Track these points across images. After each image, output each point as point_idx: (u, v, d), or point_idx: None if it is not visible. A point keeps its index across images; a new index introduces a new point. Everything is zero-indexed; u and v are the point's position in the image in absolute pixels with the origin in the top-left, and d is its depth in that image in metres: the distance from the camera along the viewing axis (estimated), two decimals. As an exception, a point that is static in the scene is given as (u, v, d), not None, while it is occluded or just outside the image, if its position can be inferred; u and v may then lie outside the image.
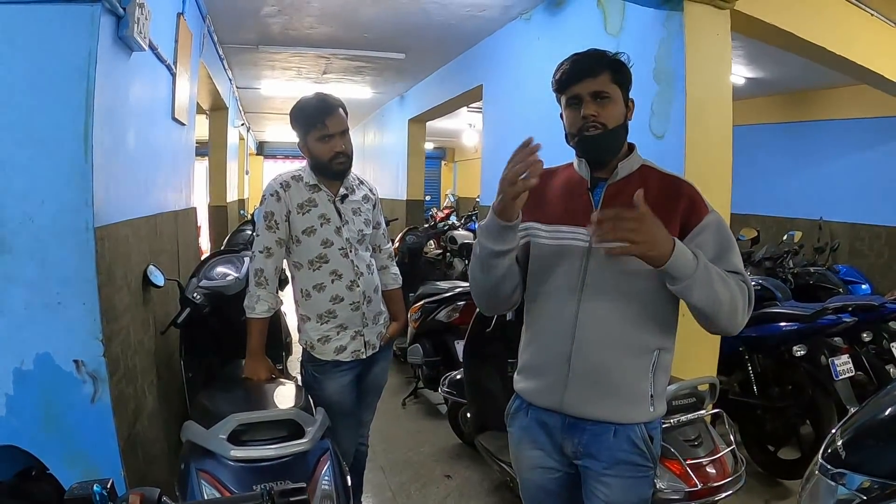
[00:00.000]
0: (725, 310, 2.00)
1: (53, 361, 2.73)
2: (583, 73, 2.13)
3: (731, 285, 2.00)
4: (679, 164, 4.07)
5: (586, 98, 2.12)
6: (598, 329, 2.14)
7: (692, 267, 1.91)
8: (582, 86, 2.13)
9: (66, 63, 2.69)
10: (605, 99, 2.13)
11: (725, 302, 1.99)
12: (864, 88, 7.63)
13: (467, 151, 22.00)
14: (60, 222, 2.69)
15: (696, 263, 1.91)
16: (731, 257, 2.10)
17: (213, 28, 7.02)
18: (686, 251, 1.92)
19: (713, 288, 1.95)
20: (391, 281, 3.62)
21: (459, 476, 4.73)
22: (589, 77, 2.12)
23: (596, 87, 2.12)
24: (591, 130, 2.12)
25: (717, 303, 1.97)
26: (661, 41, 4.32)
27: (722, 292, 1.97)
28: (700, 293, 1.94)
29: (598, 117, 2.11)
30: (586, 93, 2.12)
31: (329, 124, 3.12)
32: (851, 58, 5.54)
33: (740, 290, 2.04)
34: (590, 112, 2.11)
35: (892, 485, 2.27)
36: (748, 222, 9.27)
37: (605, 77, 2.13)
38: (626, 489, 2.22)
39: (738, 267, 2.10)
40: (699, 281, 1.92)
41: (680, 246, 1.91)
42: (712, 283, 1.95)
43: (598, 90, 2.12)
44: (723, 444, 3.18)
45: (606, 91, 2.12)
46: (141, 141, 3.66)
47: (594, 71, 2.13)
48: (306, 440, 2.57)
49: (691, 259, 1.91)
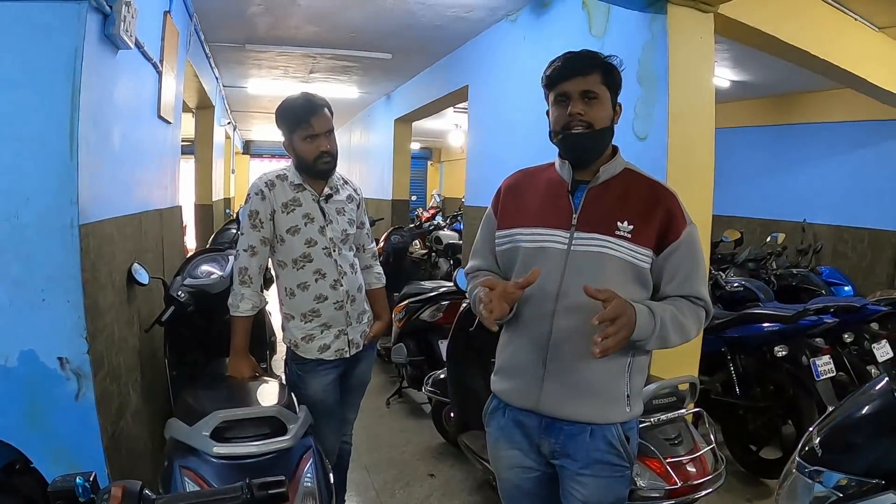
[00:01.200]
0: (676, 344, 2.17)
1: (38, 359, 2.74)
2: (574, 71, 2.16)
3: (684, 325, 2.15)
4: (661, 166, 4.09)
5: (575, 96, 2.15)
6: (575, 331, 2.15)
7: (649, 331, 2.04)
8: (572, 83, 2.15)
9: (52, 61, 2.69)
10: (594, 99, 2.15)
11: (676, 341, 2.15)
12: (848, 92, 7.69)
13: (454, 152, 21.95)
14: (45, 220, 2.69)
15: (652, 328, 2.05)
16: (696, 282, 2.20)
17: (199, 26, 6.99)
18: (644, 315, 2.03)
19: (666, 337, 2.11)
20: (374, 280, 3.63)
21: (443, 475, 4.75)
22: (580, 75, 2.15)
23: (586, 85, 2.14)
24: (577, 128, 2.15)
25: (667, 344, 2.14)
26: (645, 43, 4.34)
27: (673, 336, 2.13)
28: (654, 345, 2.11)
29: (584, 116, 2.14)
30: (575, 91, 2.14)
31: (314, 124, 3.13)
32: (835, 62, 5.58)
33: (695, 321, 2.19)
34: (577, 110, 2.14)
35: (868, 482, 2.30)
36: (732, 224, 9.34)
37: (595, 77, 2.15)
38: (603, 489, 2.24)
39: (700, 292, 2.20)
40: (655, 339, 2.08)
41: (640, 314, 2.02)
42: (666, 335, 2.10)
43: (587, 89, 2.14)
44: (703, 443, 3.21)
45: (595, 91, 2.15)
46: (126, 139, 3.65)
47: (585, 70, 2.15)
48: (288, 437, 2.57)
49: (648, 322, 2.04)
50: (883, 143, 8.57)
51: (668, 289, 2.18)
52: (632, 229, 2.12)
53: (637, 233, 2.13)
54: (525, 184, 2.38)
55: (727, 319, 4.92)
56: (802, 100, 9.61)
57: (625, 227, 2.12)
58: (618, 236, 2.12)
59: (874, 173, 8.65)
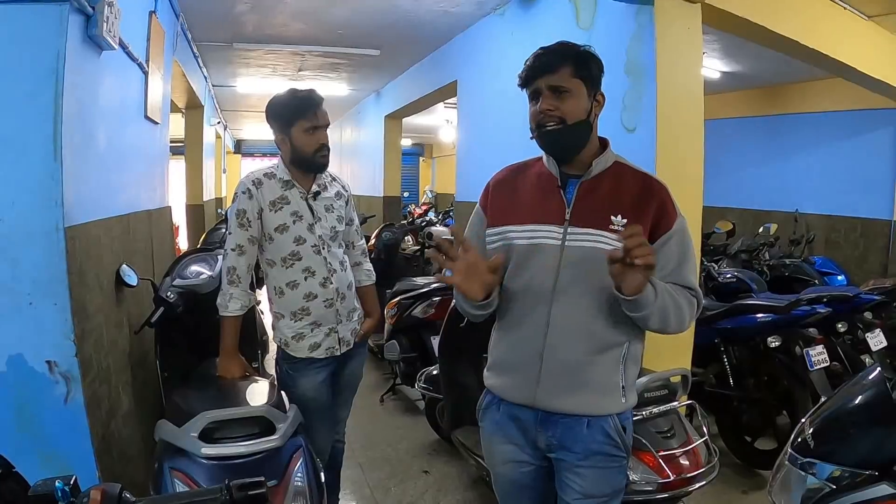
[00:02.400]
0: (673, 327, 2.14)
1: (26, 362, 2.73)
2: (542, 68, 2.14)
3: (681, 305, 2.13)
4: (650, 158, 4.08)
5: (545, 92, 2.13)
6: (571, 325, 2.16)
7: (652, 299, 2.01)
8: (541, 80, 2.14)
9: (34, 63, 2.68)
10: (564, 93, 2.13)
11: (674, 322, 2.12)
12: (839, 82, 7.69)
13: (445, 147, 21.96)
14: (30, 223, 2.68)
15: (654, 296, 2.02)
16: (687, 271, 2.20)
17: (186, 26, 6.97)
18: (649, 285, 2.01)
19: (666, 312, 2.08)
20: (365, 277, 3.62)
21: (437, 471, 4.74)
22: (548, 72, 2.13)
23: (554, 81, 2.12)
24: (550, 125, 2.13)
25: (666, 323, 2.11)
26: (632, 35, 4.33)
27: (672, 315, 2.10)
28: (654, 319, 2.07)
29: (554, 111, 2.12)
30: (545, 86, 2.13)
31: (319, 115, 3.15)
32: (825, 51, 5.56)
33: (689, 305, 2.17)
34: (546, 106, 2.13)
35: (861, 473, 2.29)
36: (724, 215, 9.34)
37: (565, 71, 2.13)
38: (601, 479, 2.24)
39: (690, 281, 2.19)
40: (656, 310, 2.04)
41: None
42: (666, 309, 2.07)
43: (556, 85, 2.12)
44: (696, 436, 3.20)
45: (565, 86, 2.13)
46: (112, 140, 3.64)
47: (552, 65, 2.13)
48: (277, 437, 2.56)
49: (651, 292, 2.01)
50: (874, 132, 8.59)
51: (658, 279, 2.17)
52: (625, 223, 2.10)
53: None
54: (515, 180, 2.36)
55: (720, 310, 4.92)
56: (793, 90, 9.62)
57: (618, 222, 2.11)
58: (612, 231, 2.11)
59: (866, 162, 8.67)
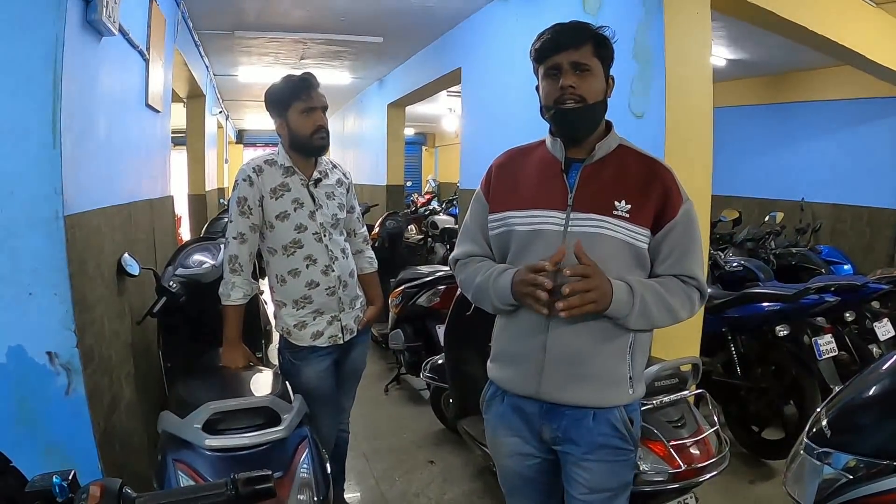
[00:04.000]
0: (665, 323, 2.14)
1: (26, 354, 2.69)
2: (565, 43, 2.07)
3: (670, 304, 2.10)
4: (659, 144, 4.05)
5: (566, 68, 2.07)
6: None
7: (628, 308, 2.02)
8: (563, 56, 2.07)
9: (33, 49, 2.62)
10: (586, 71, 2.07)
11: (665, 320, 2.12)
12: (846, 69, 7.65)
13: (448, 136, 21.93)
14: (30, 212, 2.63)
15: (631, 303, 2.02)
16: (690, 262, 2.15)
17: (187, 14, 6.93)
18: (622, 292, 2.01)
19: (650, 316, 2.07)
20: (367, 265, 3.60)
21: (443, 461, 4.72)
22: (571, 47, 2.06)
23: (577, 57, 2.06)
24: (569, 103, 2.07)
25: (652, 324, 2.12)
26: (640, 20, 4.28)
27: (657, 315, 2.09)
28: (637, 322, 2.06)
29: (576, 89, 2.06)
30: (567, 63, 2.06)
31: (314, 96, 3.13)
32: (833, 38, 5.52)
33: (686, 300, 2.15)
34: (569, 83, 2.06)
35: (878, 464, 2.25)
36: (730, 203, 9.30)
37: (587, 49, 2.07)
38: (607, 473, 2.20)
39: (693, 271, 2.15)
40: (636, 316, 2.04)
41: (617, 290, 2.00)
42: (648, 312, 2.06)
43: (578, 61, 2.06)
44: (706, 425, 3.16)
45: (588, 64, 2.07)
46: (113, 128, 3.60)
47: (577, 41, 2.07)
48: (282, 427, 2.54)
49: (627, 299, 2.01)
50: (882, 121, 8.53)
51: (660, 269, 2.14)
52: (629, 209, 2.06)
53: (635, 212, 2.07)
54: (516, 164, 2.31)
55: (727, 299, 4.89)
56: (800, 78, 9.56)
57: (622, 207, 2.06)
58: (615, 216, 2.06)
59: (873, 151, 8.62)
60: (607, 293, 1.96)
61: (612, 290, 1.97)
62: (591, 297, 1.93)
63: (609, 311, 1.98)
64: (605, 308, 1.97)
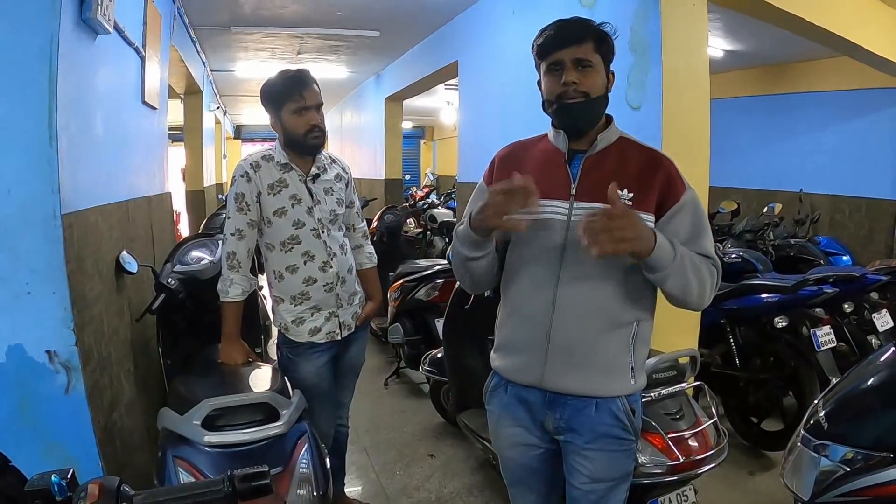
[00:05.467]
0: (695, 294, 2.08)
1: (26, 353, 2.68)
2: (567, 39, 2.10)
3: (702, 271, 2.07)
4: (656, 136, 4.04)
5: (569, 64, 2.10)
6: (579, 303, 2.13)
7: (670, 258, 1.97)
8: (565, 52, 2.10)
9: (27, 47, 2.61)
10: (588, 67, 2.10)
11: (695, 287, 2.06)
12: (844, 60, 7.64)
13: (446, 129, 21.91)
14: (27, 211, 2.62)
15: (673, 254, 1.97)
16: (703, 240, 2.15)
17: (183, 10, 6.92)
18: (665, 242, 1.97)
19: (686, 276, 2.02)
20: (366, 260, 3.59)
21: (443, 455, 4.73)
22: (573, 43, 2.09)
23: (580, 54, 2.09)
24: (572, 98, 2.10)
25: (688, 289, 2.06)
26: (637, 11, 4.27)
27: (693, 279, 2.04)
28: (674, 281, 2.02)
29: (579, 85, 2.09)
30: (569, 59, 2.09)
31: (306, 96, 3.09)
32: (830, 28, 5.50)
33: (710, 274, 2.11)
34: (571, 78, 2.09)
35: (875, 455, 2.26)
36: (729, 195, 9.27)
37: (589, 45, 2.10)
38: (609, 463, 2.22)
39: (708, 250, 2.15)
40: (676, 270, 1.99)
41: (660, 237, 1.96)
42: (686, 272, 2.02)
43: (581, 57, 2.09)
44: (705, 417, 3.16)
45: (590, 59, 2.10)
46: (110, 126, 3.59)
47: (579, 38, 2.10)
48: (281, 423, 2.54)
49: (670, 250, 1.97)
50: (880, 112, 8.52)
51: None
52: (632, 197, 2.08)
53: (637, 200, 2.08)
54: (520, 155, 2.33)
55: (726, 291, 4.88)
56: (797, 68, 9.55)
57: (625, 195, 2.07)
58: None
59: (871, 142, 8.61)
60: (648, 237, 1.93)
61: (655, 236, 1.94)
62: (626, 233, 1.87)
63: (652, 257, 1.94)
64: (648, 252, 1.93)
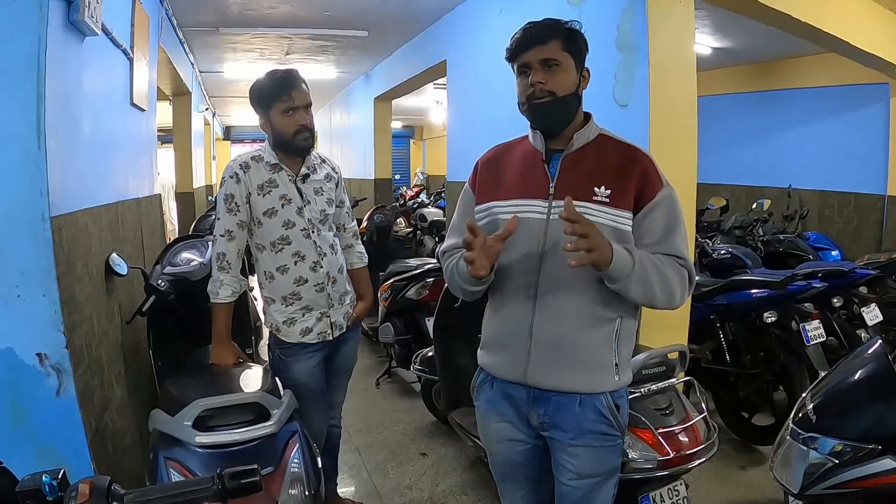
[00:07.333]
0: (660, 298, 2.11)
1: (16, 356, 2.67)
2: (533, 40, 2.14)
3: (666, 275, 2.09)
4: (644, 133, 4.04)
5: (536, 65, 2.13)
6: (559, 300, 2.15)
7: (629, 267, 2.00)
8: (531, 53, 2.14)
9: (14, 50, 2.60)
10: (555, 66, 2.13)
11: (659, 292, 2.09)
12: (831, 56, 7.65)
13: (435, 129, 21.92)
14: (15, 213, 2.61)
15: (632, 263, 2.00)
16: (676, 240, 2.16)
17: (171, 11, 6.91)
18: (623, 253, 2.00)
19: (649, 282, 2.05)
20: (356, 260, 3.60)
21: (435, 453, 4.74)
22: (538, 44, 2.13)
23: (545, 54, 2.12)
24: (539, 98, 2.13)
25: (652, 293, 2.08)
26: (624, 9, 4.26)
27: (657, 284, 2.07)
28: (637, 288, 2.04)
29: (546, 84, 2.12)
30: (535, 60, 2.13)
31: (294, 96, 3.09)
32: (818, 25, 5.50)
33: (678, 275, 2.14)
34: (537, 79, 2.13)
35: (864, 447, 2.28)
36: (718, 191, 9.34)
37: (555, 44, 2.13)
38: (594, 459, 2.24)
39: (679, 250, 2.16)
40: (637, 278, 2.02)
41: (617, 248, 1.99)
42: (648, 278, 2.04)
43: (546, 57, 2.12)
44: (694, 412, 3.18)
45: (556, 59, 2.13)
46: (98, 128, 3.59)
47: (543, 38, 2.14)
48: (272, 423, 2.55)
49: (628, 259, 2.00)
50: (867, 107, 8.52)
51: (647, 249, 2.14)
52: (609, 194, 2.11)
53: (615, 197, 2.12)
54: (501, 158, 2.38)
55: (715, 287, 4.91)
56: (785, 65, 9.57)
57: (602, 193, 2.11)
58: (596, 202, 2.11)
59: (859, 138, 8.62)
60: (606, 246, 1.95)
61: (612, 249, 1.97)
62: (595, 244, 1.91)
63: (611, 269, 1.97)
64: (607, 263, 1.96)
